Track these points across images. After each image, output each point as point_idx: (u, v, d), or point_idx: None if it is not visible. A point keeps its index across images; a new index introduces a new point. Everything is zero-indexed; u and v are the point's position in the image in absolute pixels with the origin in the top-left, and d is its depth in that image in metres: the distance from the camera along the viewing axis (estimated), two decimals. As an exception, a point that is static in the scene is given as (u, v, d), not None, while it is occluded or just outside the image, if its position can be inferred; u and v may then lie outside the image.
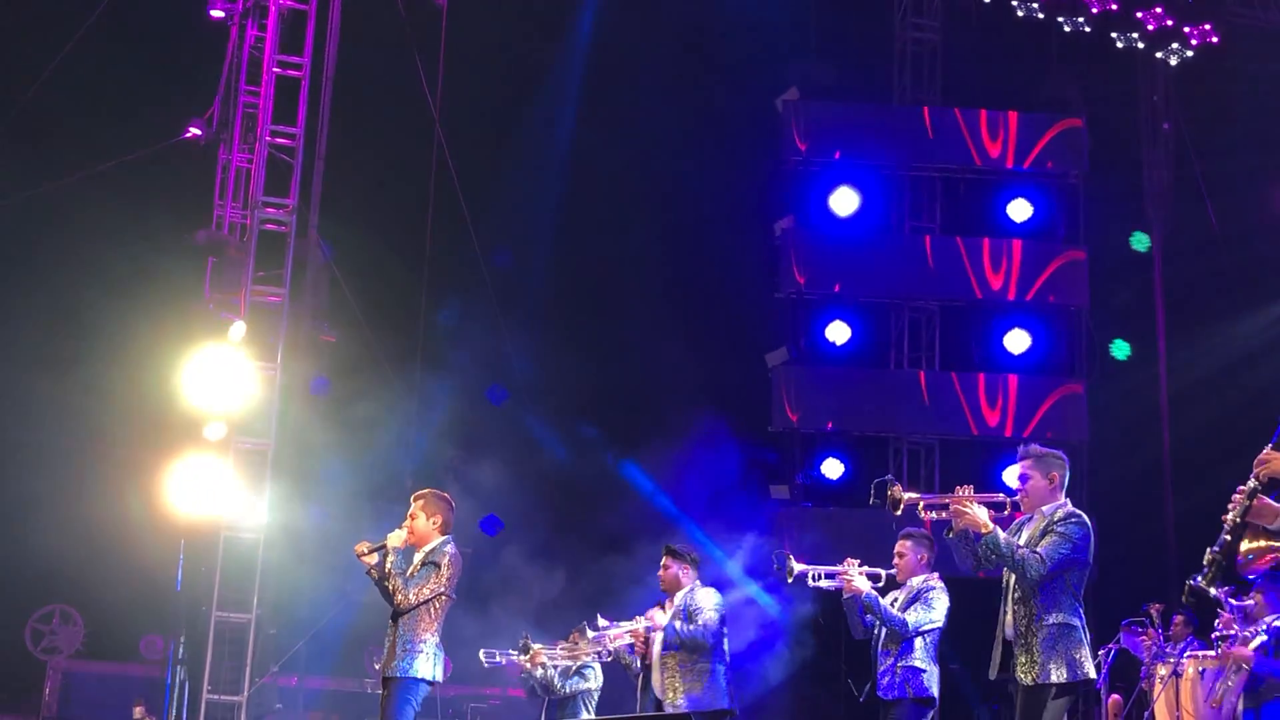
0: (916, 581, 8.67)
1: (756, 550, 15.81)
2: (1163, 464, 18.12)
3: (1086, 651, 6.69)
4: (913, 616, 8.47)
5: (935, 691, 8.48)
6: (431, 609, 8.29)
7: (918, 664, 8.43)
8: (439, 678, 8.38)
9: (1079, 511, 6.87)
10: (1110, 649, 12.44)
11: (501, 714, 14.65)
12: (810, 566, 8.79)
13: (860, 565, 8.64)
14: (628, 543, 14.92)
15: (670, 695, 8.97)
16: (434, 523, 8.46)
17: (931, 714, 8.51)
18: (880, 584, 8.71)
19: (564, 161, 17.39)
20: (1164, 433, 18.21)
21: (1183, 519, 17.51)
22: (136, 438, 15.28)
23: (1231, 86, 17.55)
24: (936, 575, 8.69)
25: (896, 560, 8.79)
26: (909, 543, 8.75)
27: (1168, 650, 12.00)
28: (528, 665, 10.91)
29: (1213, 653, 11.37)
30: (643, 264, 16.68)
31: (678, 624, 8.95)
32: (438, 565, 8.29)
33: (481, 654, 11.11)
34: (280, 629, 14.48)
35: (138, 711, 14.48)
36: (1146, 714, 11.87)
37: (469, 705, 14.61)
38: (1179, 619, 12.21)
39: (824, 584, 8.76)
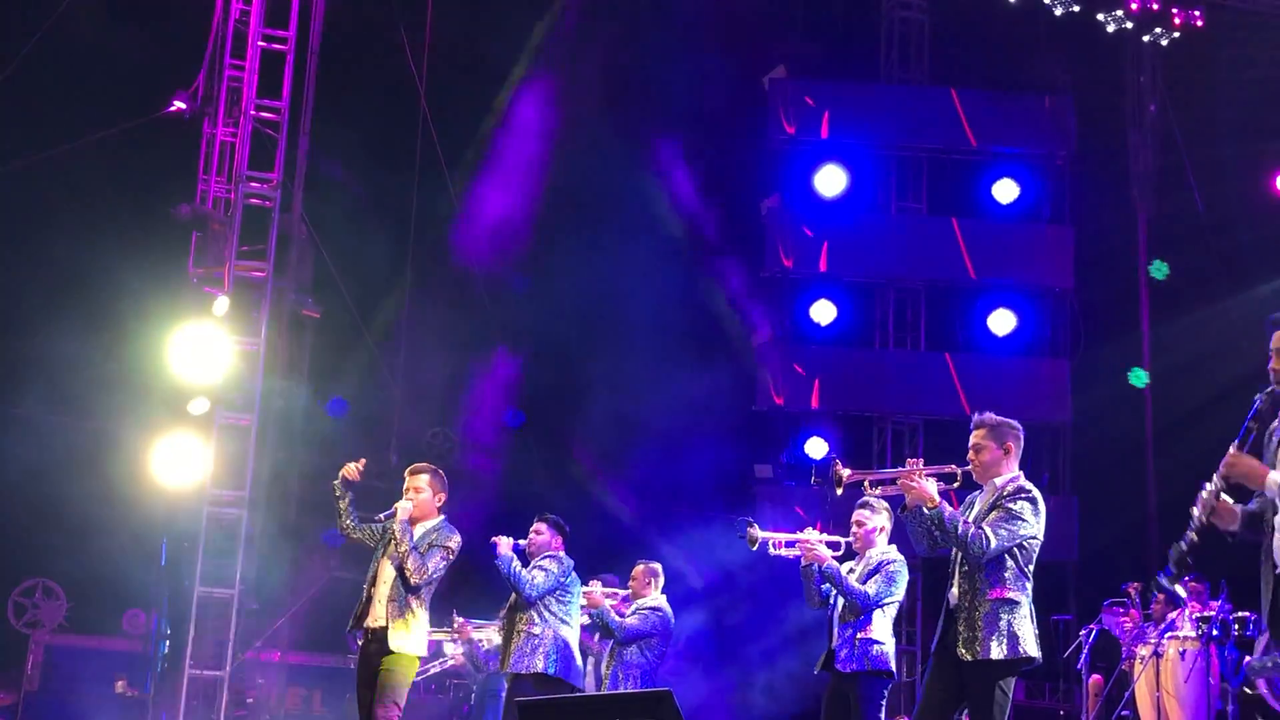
0: (876, 553, 8.42)
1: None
2: (1145, 445, 18.18)
3: (1031, 628, 6.54)
4: (874, 588, 8.23)
5: (894, 665, 8.28)
6: (431, 588, 8.38)
7: (877, 636, 8.19)
8: (425, 653, 8.54)
9: (1029, 486, 6.74)
10: (1091, 629, 12.50)
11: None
12: (771, 534, 8.65)
13: (820, 533, 8.44)
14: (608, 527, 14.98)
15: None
16: (439, 499, 8.51)
17: (890, 686, 8.31)
18: (839, 553, 8.49)
19: (550, 137, 17.33)
20: (1147, 414, 18.27)
21: (1164, 499, 17.57)
22: (119, 412, 15.24)
23: (1218, 69, 17.55)
24: (895, 547, 8.45)
25: (855, 530, 8.54)
26: (867, 512, 8.50)
27: (1148, 631, 12.06)
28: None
29: (1193, 633, 11.46)
30: (628, 240, 16.65)
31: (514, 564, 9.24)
32: (448, 550, 8.33)
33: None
34: (263, 605, 14.48)
35: (119, 686, 14.49)
36: (1127, 694, 11.94)
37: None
38: (1160, 599, 12.25)
39: (785, 552, 8.55)
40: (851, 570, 8.42)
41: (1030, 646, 6.51)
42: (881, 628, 8.23)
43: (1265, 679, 5.37)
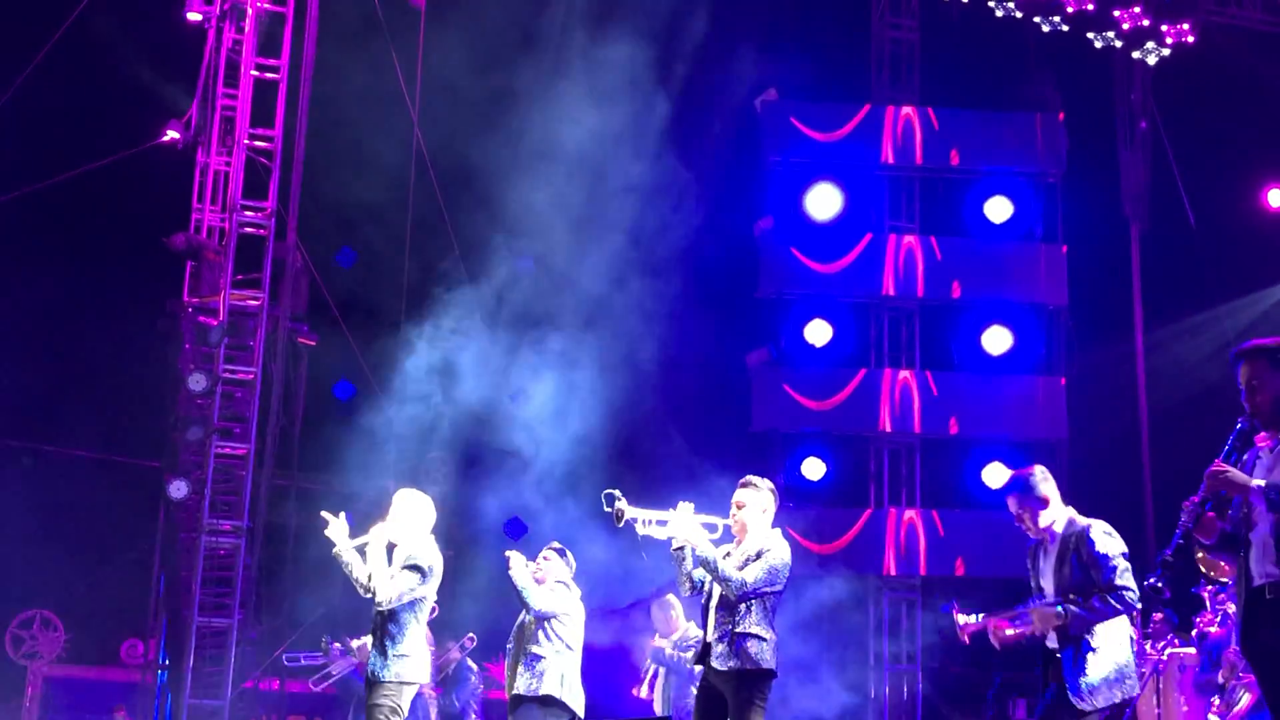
0: (757, 538, 7.74)
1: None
2: (1141, 461, 18.19)
3: (1130, 660, 6.92)
4: (751, 575, 7.53)
5: (774, 663, 7.56)
6: (419, 613, 8.30)
7: (755, 631, 7.51)
8: (426, 679, 8.47)
9: (1095, 520, 7.20)
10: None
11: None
12: (640, 511, 7.87)
13: (693, 510, 7.85)
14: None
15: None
16: (419, 522, 8.47)
17: (769, 685, 7.59)
18: (717, 534, 7.88)
19: (543, 161, 17.33)
20: (1143, 429, 18.29)
21: (1161, 514, 17.57)
22: (116, 442, 15.23)
23: (1208, 85, 17.62)
24: (779, 533, 7.86)
25: (734, 512, 7.87)
26: (750, 492, 7.92)
27: (1147, 648, 12.05)
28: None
29: (1193, 650, 11.46)
30: (622, 264, 16.65)
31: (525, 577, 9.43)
32: (423, 571, 8.26)
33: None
34: (262, 634, 14.44)
35: (119, 717, 14.47)
36: (1128, 713, 11.92)
37: None
38: (1158, 617, 12.26)
39: (655, 532, 7.81)
40: (729, 555, 7.76)
41: (1130, 686, 6.85)
42: (760, 621, 7.56)
43: None
